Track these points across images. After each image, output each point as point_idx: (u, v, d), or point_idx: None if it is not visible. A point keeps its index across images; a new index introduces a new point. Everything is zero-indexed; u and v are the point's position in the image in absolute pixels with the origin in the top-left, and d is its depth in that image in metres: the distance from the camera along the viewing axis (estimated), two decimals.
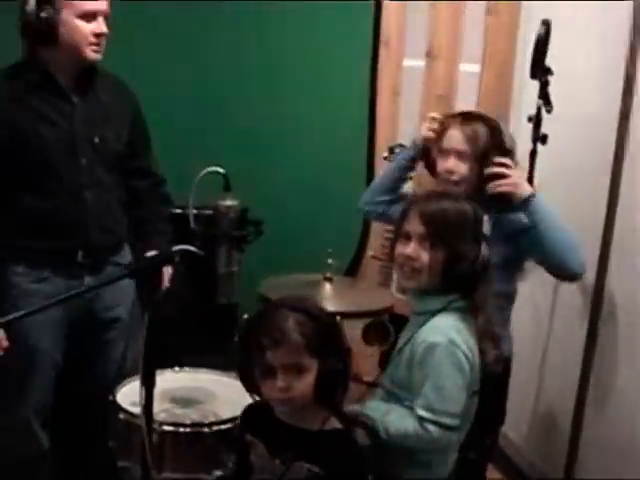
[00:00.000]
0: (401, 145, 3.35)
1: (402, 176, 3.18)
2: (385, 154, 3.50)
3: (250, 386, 2.37)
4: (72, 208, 2.99)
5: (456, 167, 2.88)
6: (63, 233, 3.00)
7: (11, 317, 2.32)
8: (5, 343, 2.93)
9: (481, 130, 2.89)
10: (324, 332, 2.27)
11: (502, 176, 2.83)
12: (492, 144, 2.87)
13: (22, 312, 2.33)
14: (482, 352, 2.45)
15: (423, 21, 4.16)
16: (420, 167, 3.19)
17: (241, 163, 3.29)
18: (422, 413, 2.40)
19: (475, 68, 4.16)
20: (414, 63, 4.23)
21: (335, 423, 2.33)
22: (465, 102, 4.07)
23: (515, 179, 2.84)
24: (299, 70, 4.25)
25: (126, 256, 3.22)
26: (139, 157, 3.21)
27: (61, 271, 3.03)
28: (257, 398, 2.40)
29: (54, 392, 3.16)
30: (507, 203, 2.84)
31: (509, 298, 2.97)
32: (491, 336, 2.47)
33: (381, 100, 4.23)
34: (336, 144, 4.23)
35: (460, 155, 2.88)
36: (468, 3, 4.11)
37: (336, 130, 4.24)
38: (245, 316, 2.92)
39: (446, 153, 2.92)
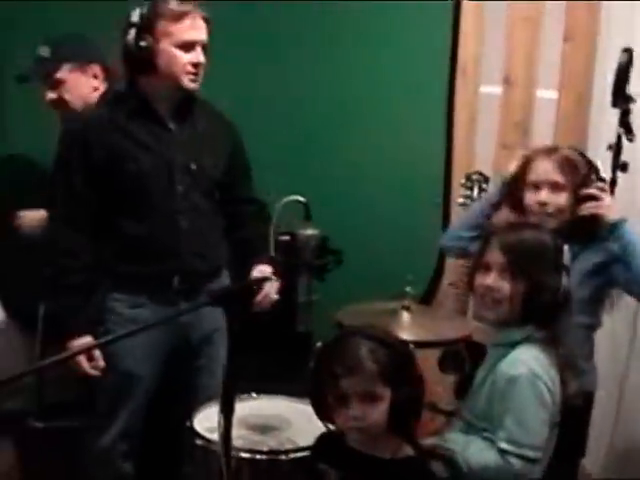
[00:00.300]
0: (480, 173, 3.33)
1: (487, 214, 3.15)
2: (462, 181, 3.49)
3: (323, 414, 2.38)
4: (167, 234, 3.04)
5: (550, 199, 2.85)
6: (158, 259, 3.05)
7: (107, 339, 2.35)
8: (102, 363, 2.99)
9: (576, 159, 2.86)
10: (398, 360, 2.28)
11: (596, 199, 2.81)
12: (588, 173, 2.85)
13: (118, 334, 2.37)
14: (563, 384, 2.42)
15: (499, 47, 4.14)
16: None
17: (321, 192, 3.31)
18: (504, 446, 2.38)
19: (552, 94, 4.13)
20: (491, 90, 4.21)
21: (408, 451, 2.32)
22: (542, 129, 4.04)
23: (608, 202, 2.81)
24: (378, 102, 4.27)
25: (224, 282, 3.23)
26: (239, 186, 3.25)
27: (157, 297, 3.08)
28: (330, 426, 2.40)
29: (143, 421, 3.21)
30: (595, 229, 2.81)
31: (593, 330, 2.94)
32: (573, 368, 2.44)
33: (457, 128, 4.21)
34: (413, 173, 4.22)
35: (554, 186, 2.85)
36: (544, 28, 4.07)
37: (413, 159, 4.23)
38: (319, 344, 2.93)
39: (537, 186, 2.88)
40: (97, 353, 3.00)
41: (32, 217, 3.63)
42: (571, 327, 2.51)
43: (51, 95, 3.56)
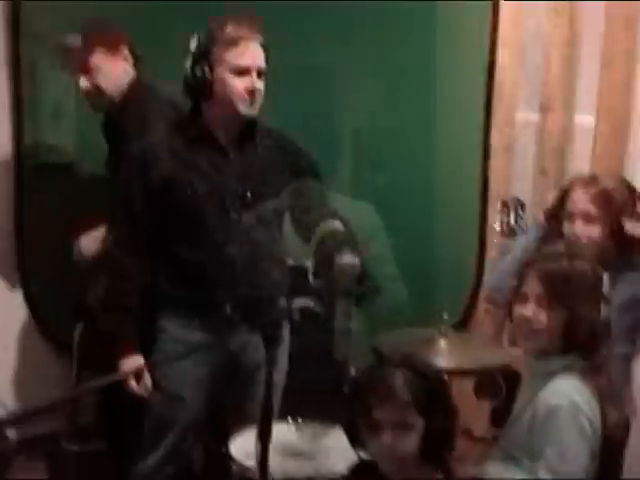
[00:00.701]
0: (517, 199, 3.32)
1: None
2: (499, 206, 3.48)
3: (356, 442, 2.38)
4: (218, 261, 3.04)
5: (583, 231, 2.84)
6: (209, 286, 3.06)
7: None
8: (149, 383, 3.03)
9: (613, 190, 2.84)
10: (432, 390, 2.28)
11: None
12: (623, 205, 2.83)
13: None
14: (604, 415, 2.41)
15: (536, 74, 4.13)
16: None
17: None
18: (545, 476, 2.36)
19: (590, 121, 4.10)
20: (527, 116, 4.19)
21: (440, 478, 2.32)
22: (580, 157, 4.02)
23: None
24: (419, 129, 4.28)
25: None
26: None
27: (208, 323, 3.08)
28: (363, 455, 2.40)
29: (190, 446, 3.23)
30: (634, 256, 2.79)
31: (631, 359, 2.92)
32: (613, 398, 2.43)
33: (494, 155, 4.21)
34: (451, 200, 4.22)
35: (588, 218, 2.84)
36: (582, 55, 4.06)
37: (451, 188, 4.24)
38: (353, 370, 2.92)
39: (572, 216, 2.87)
40: (146, 374, 3.03)
41: (92, 237, 3.60)
42: (611, 357, 2.49)
43: (85, 83, 3.51)
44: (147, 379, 3.05)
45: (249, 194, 3.05)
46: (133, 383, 3.03)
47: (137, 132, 3.23)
